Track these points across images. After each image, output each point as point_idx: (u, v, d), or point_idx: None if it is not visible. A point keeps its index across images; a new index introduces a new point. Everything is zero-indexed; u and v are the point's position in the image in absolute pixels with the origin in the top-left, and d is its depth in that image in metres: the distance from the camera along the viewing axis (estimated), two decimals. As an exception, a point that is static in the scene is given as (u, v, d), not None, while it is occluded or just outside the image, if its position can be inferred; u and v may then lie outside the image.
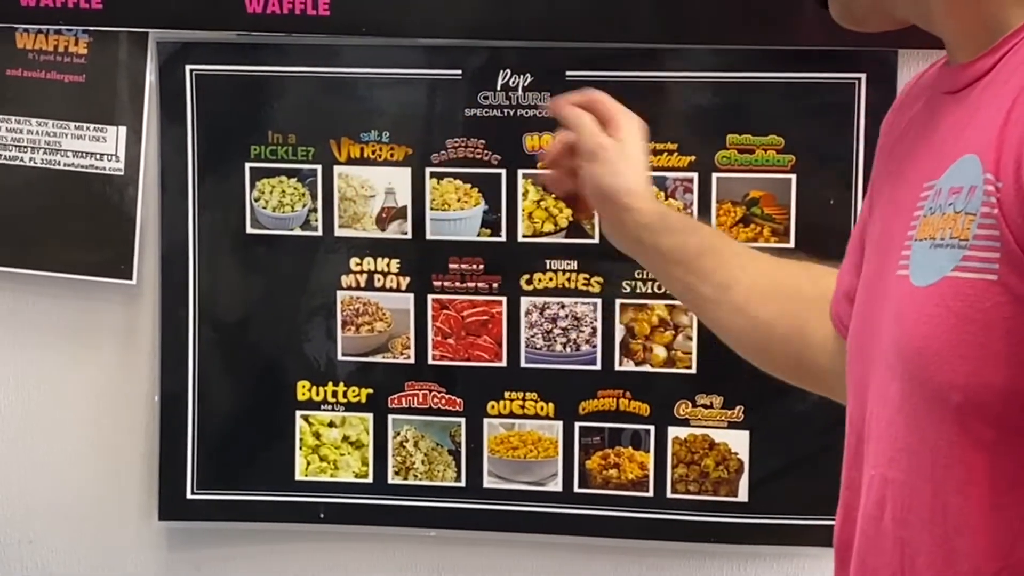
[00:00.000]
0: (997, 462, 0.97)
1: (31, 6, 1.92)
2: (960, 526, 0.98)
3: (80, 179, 1.98)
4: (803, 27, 1.84)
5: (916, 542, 1.00)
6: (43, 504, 2.08)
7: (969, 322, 0.96)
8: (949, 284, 0.97)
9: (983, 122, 1.01)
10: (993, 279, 0.94)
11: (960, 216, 0.98)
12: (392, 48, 1.93)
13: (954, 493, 0.99)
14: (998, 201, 0.94)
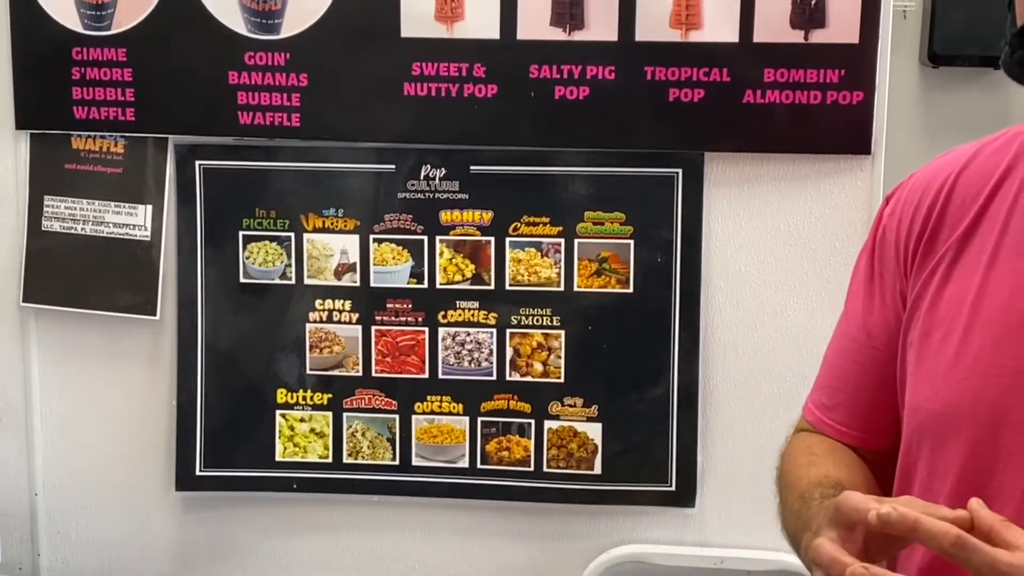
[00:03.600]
0: None
1: (82, 118, 2.04)
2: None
3: (118, 243, 2.08)
4: (639, 135, 1.97)
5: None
6: (91, 480, 2.17)
7: None
8: None
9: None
10: None
11: None
12: (345, 150, 2.03)
13: None
14: None
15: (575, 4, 1.94)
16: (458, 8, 1.96)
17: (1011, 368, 1.05)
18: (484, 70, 1.97)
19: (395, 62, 1.99)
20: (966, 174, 1.15)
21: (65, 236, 2.11)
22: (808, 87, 1.92)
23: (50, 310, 2.14)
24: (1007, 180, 1.11)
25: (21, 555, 2.18)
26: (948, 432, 1.10)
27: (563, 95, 1.97)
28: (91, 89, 2.05)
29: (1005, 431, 1.06)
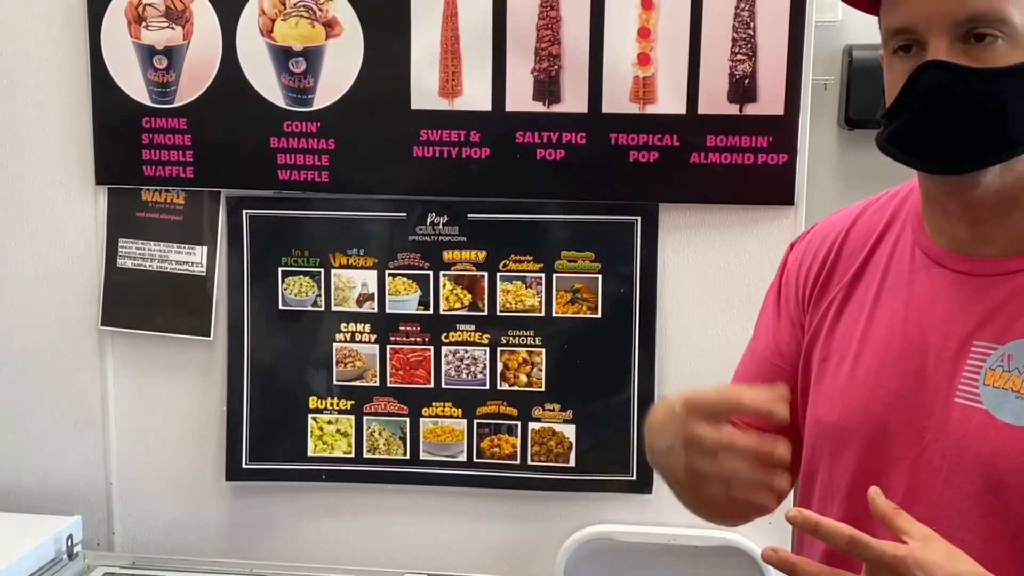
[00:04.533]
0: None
1: (150, 175, 2.06)
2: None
3: (179, 277, 2.09)
4: (605, 189, 1.98)
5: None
6: (156, 471, 2.17)
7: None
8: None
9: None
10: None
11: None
12: (365, 201, 2.04)
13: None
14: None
15: (552, 83, 1.97)
16: (458, 86, 1.98)
17: (891, 388, 1.08)
18: (479, 136, 1.99)
19: (406, 129, 2.00)
20: (855, 229, 1.18)
21: (136, 271, 2.12)
22: (742, 150, 1.94)
23: (123, 332, 2.15)
24: (886, 235, 1.14)
25: (99, 533, 2.19)
26: (843, 441, 1.12)
27: (543, 156, 1.99)
28: (157, 151, 2.07)
29: (888, 440, 1.08)
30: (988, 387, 0.99)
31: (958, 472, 1.01)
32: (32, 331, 2.17)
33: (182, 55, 2.03)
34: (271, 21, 2.00)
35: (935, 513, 1.02)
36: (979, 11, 0.96)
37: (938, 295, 1.06)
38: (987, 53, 0.96)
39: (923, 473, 1.04)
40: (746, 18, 1.90)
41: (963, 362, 1.01)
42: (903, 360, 1.07)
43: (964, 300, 1.03)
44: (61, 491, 2.18)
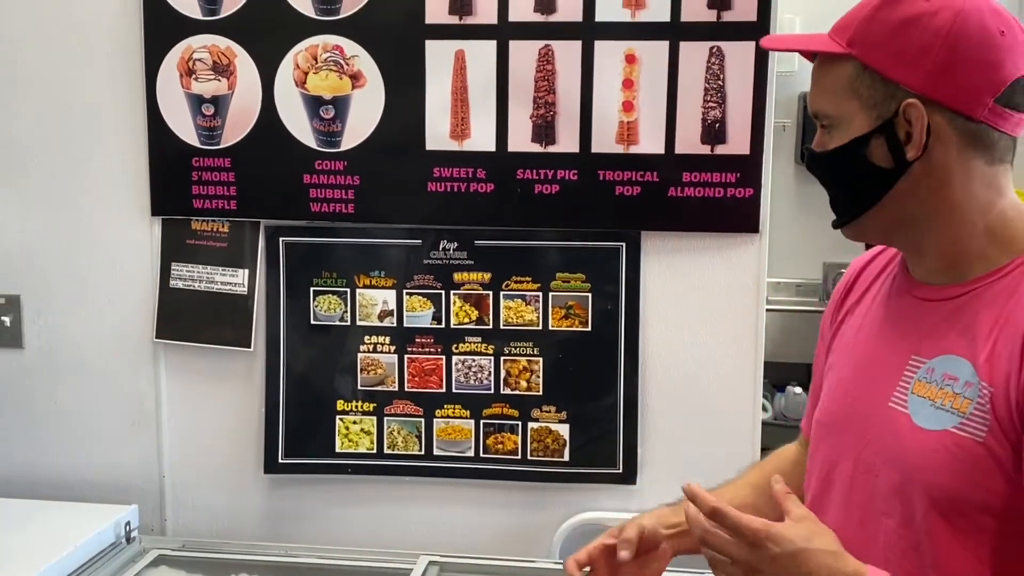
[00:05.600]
0: (967, 542, 0.97)
1: (199, 207, 2.03)
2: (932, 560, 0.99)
3: (224, 296, 2.07)
4: (594, 219, 1.96)
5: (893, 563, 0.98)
6: (203, 465, 2.15)
7: (961, 461, 0.96)
8: (949, 435, 0.96)
9: (965, 336, 0.98)
10: (981, 440, 0.94)
11: (959, 397, 0.96)
12: (386, 229, 2.02)
13: (930, 549, 0.99)
14: (991, 398, 0.93)
15: (548, 127, 1.94)
16: (466, 129, 1.96)
17: (853, 393, 1.12)
18: (484, 173, 1.97)
19: (421, 167, 1.98)
20: (873, 262, 1.21)
21: (186, 291, 2.10)
22: (714, 185, 1.92)
23: (175, 344, 2.12)
24: (889, 266, 1.17)
25: (152, 520, 2.17)
26: (820, 436, 1.17)
27: (540, 191, 1.97)
28: (205, 187, 2.05)
29: (843, 436, 1.11)
30: (914, 395, 1.01)
31: (884, 467, 1.03)
32: (96, 343, 2.15)
33: (227, 103, 2.01)
34: (304, 74, 1.99)
35: (869, 501, 1.04)
36: (813, 109, 1.06)
37: (900, 316, 1.09)
38: (828, 139, 1.05)
39: (862, 467, 1.06)
40: (716, 70, 1.88)
41: (901, 373, 1.03)
42: (864, 370, 1.11)
43: (914, 321, 1.06)
44: (120, 483, 2.16)
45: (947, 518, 0.97)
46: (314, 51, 1.97)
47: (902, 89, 0.99)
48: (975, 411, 0.95)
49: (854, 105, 1.00)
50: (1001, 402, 0.93)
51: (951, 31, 0.97)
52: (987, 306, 0.98)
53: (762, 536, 0.93)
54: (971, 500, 0.96)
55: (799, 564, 0.92)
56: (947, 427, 0.97)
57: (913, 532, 1.00)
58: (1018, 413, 0.92)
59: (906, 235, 1.05)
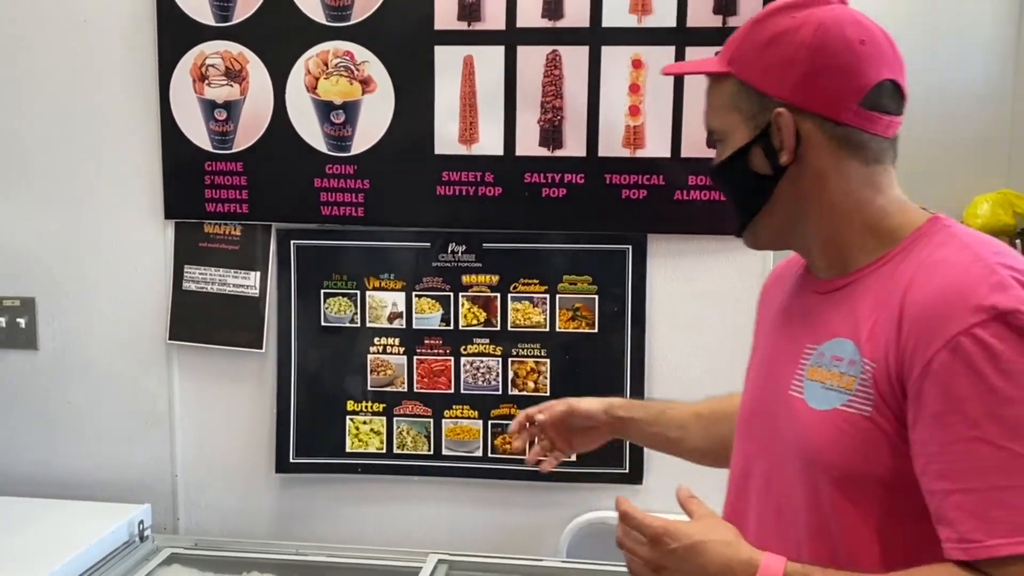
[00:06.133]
0: (860, 512, 1.00)
1: (212, 211, 2.04)
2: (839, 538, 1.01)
3: (236, 298, 2.07)
4: (601, 222, 1.96)
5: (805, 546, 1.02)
6: (215, 465, 2.15)
7: (850, 436, 0.99)
8: (838, 413, 1.00)
9: (850, 319, 1.02)
10: (867, 414, 0.98)
11: (844, 376, 1.00)
12: (395, 232, 2.02)
13: (837, 528, 1.02)
14: (873, 374, 0.97)
15: (556, 131, 1.95)
16: (475, 134, 1.97)
17: (760, 385, 1.17)
18: (493, 177, 1.98)
19: (430, 171, 1.99)
20: (789, 265, 1.25)
21: (199, 293, 2.10)
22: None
23: (188, 345, 2.13)
24: (792, 277, 1.21)
25: (165, 519, 2.17)
26: (738, 436, 1.22)
27: (548, 194, 1.97)
28: (218, 190, 2.05)
29: (754, 429, 1.17)
30: (809, 380, 1.04)
31: (789, 453, 1.06)
32: (110, 344, 2.15)
33: (239, 108, 2.02)
34: (315, 79, 1.99)
35: (783, 489, 1.08)
36: (707, 126, 1.12)
37: (798, 312, 1.14)
38: (719, 152, 1.10)
39: (773, 455, 1.10)
40: (722, 75, 1.88)
41: (798, 362, 1.07)
42: (768, 366, 1.15)
43: (807, 312, 1.11)
44: (133, 482, 2.16)
45: (847, 495, 1.00)
46: (325, 57, 1.98)
47: (773, 100, 1.04)
48: (860, 387, 0.99)
49: (736, 118, 1.06)
50: (882, 376, 0.97)
51: (812, 43, 1.03)
52: (868, 291, 1.02)
53: (660, 532, 0.99)
54: (864, 473, 0.99)
55: (696, 555, 0.98)
56: (836, 406, 1.00)
57: (821, 515, 1.03)
58: (899, 385, 0.96)
59: (794, 236, 1.10)
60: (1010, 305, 0.91)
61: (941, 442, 0.92)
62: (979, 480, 0.90)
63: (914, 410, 0.95)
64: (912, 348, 0.94)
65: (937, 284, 0.96)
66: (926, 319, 0.94)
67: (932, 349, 0.92)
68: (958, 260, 0.98)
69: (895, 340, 0.96)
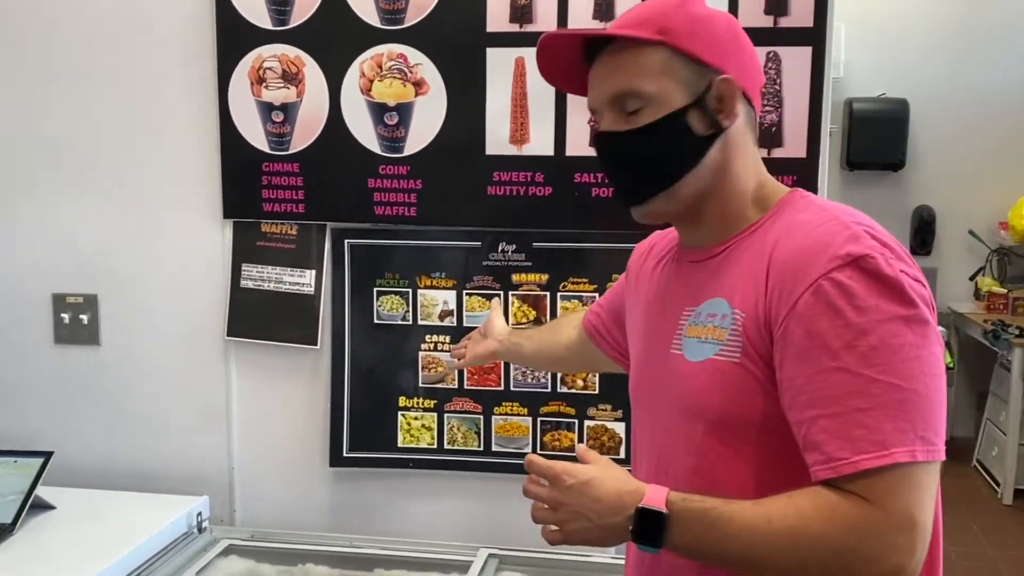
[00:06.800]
0: (738, 454, 1.08)
1: (269, 211, 2.06)
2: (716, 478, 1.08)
3: (292, 296, 2.09)
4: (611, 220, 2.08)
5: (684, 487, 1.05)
6: (271, 459, 2.17)
7: (723, 383, 1.07)
8: (712, 363, 1.08)
9: (724, 281, 1.11)
10: (736, 360, 1.06)
11: (717, 329, 1.08)
12: (447, 232, 2.02)
13: (712, 469, 1.09)
14: (742, 323, 1.06)
15: (606, 131, 1.95)
16: (525, 134, 1.97)
17: (643, 352, 1.26)
18: (543, 177, 1.97)
19: (481, 172, 1.99)
20: (662, 242, 1.33)
21: (256, 291, 2.12)
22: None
23: (245, 342, 2.14)
24: (663, 259, 1.29)
25: (222, 511, 2.19)
26: (633, 407, 1.29)
27: (598, 194, 1.96)
28: (274, 191, 2.07)
29: (641, 393, 1.25)
30: (687, 338, 1.12)
31: (671, 405, 1.13)
32: (170, 340, 2.18)
33: (296, 110, 2.03)
34: (370, 82, 2.00)
35: (667, 441, 1.15)
36: (619, 89, 1.11)
37: (675, 280, 1.21)
38: (636, 118, 1.11)
39: (658, 412, 1.17)
40: (773, 75, 1.87)
41: (676, 324, 1.14)
42: (649, 331, 1.23)
43: (684, 280, 1.19)
44: (192, 475, 2.18)
45: (720, 437, 1.08)
46: (379, 59, 1.99)
47: (712, 69, 1.11)
48: (730, 337, 1.06)
49: (670, 84, 1.10)
50: (751, 324, 1.04)
51: (734, 28, 1.16)
52: (741, 255, 1.10)
53: (559, 471, 1.07)
54: (737, 416, 1.06)
55: (591, 489, 1.04)
56: (709, 356, 1.08)
57: (699, 458, 1.10)
58: (766, 329, 1.03)
59: (695, 205, 1.14)
60: (862, 251, 0.99)
61: (806, 375, 0.99)
62: (841, 404, 0.97)
63: (781, 350, 1.02)
64: (778, 294, 1.02)
65: (799, 239, 1.04)
66: (790, 269, 1.02)
67: (796, 293, 1.00)
68: (817, 219, 1.06)
69: (763, 290, 1.04)
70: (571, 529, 1.07)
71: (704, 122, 1.12)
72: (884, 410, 0.96)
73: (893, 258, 1.01)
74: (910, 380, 0.97)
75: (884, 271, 0.99)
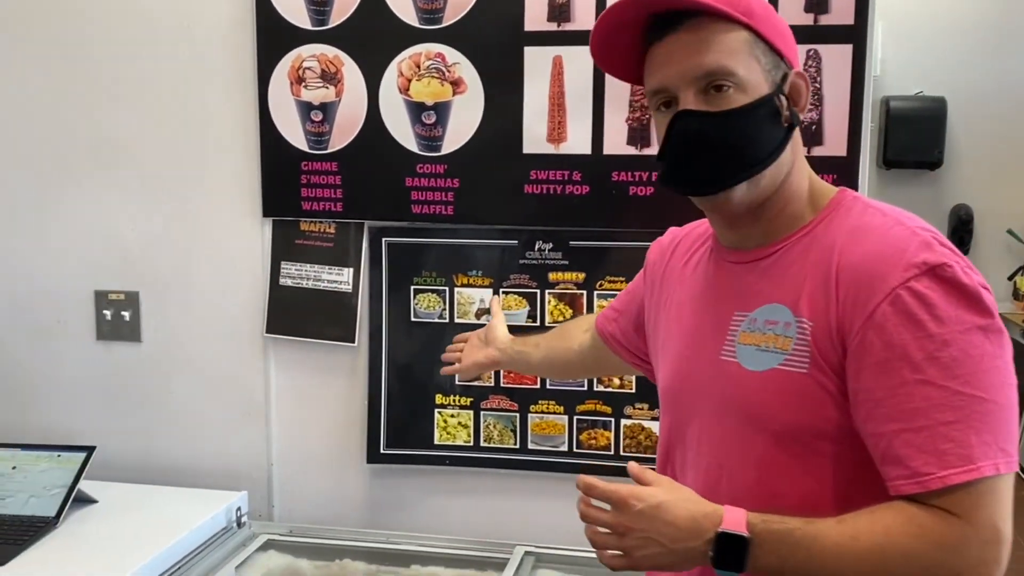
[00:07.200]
0: (806, 468, 1.04)
1: (307, 209, 2.06)
2: (780, 489, 1.06)
3: (330, 294, 2.09)
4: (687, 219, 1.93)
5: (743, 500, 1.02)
6: (309, 455, 2.18)
7: (790, 394, 1.04)
8: (776, 372, 1.04)
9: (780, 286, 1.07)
10: (804, 371, 1.02)
11: (780, 337, 1.05)
12: (483, 230, 1.99)
13: (778, 482, 1.05)
14: (811, 332, 1.02)
15: (644, 129, 1.93)
16: (563, 133, 1.96)
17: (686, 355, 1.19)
18: (580, 175, 1.96)
19: (519, 170, 1.98)
20: (686, 239, 1.31)
21: (295, 289, 2.12)
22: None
23: (283, 339, 2.15)
24: (705, 244, 1.25)
25: (261, 506, 2.21)
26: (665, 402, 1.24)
27: (635, 192, 1.95)
28: (313, 189, 2.07)
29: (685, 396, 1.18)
30: (741, 345, 1.08)
31: (724, 413, 1.09)
32: (210, 337, 2.19)
33: (335, 110, 2.04)
34: (408, 81, 2.00)
35: (721, 452, 1.10)
36: (712, 67, 1.05)
37: (717, 281, 1.17)
38: (723, 99, 1.05)
39: (705, 419, 1.12)
40: (813, 73, 1.84)
41: (726, 328, 1.10)
42: (693, 336, 1.17)
43: (731, 282, 1.14)
44: (231, 470, 2.19)
45: (785, 449, 1.04)
46: (417, 59, 1.99)
47: (785, 60, 1.09)
48: (796, 347, 1.02)
49: (757, 68, 1.07)
50: (821, 334, 1.01)
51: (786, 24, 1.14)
52: (797, 258, 1.07)
53: (625, 495, 1.01)
54: (804, 428, 1.03)
55: (662, 513, 1.00)
56: (773, 366, 1.04)
57: (753, 469, 1.06)
58: (838, 339, 1.00)
59: (764, 199, 1.09)
60: (938, 260, 0.97)
61: (887, 387, 0.96)
62: (926, 418, 0.94)
63: (856, 360, 0.99)
64: (852, 303, 0.99)
65: (868, 246, 1.02)
66: (863, 277, 0.99)
67: (873, 303, 0.97)
68: (881, 223, 1.04)
69: (834, 298, 1.01)
70: (641, 555, 1.02)
71: (784, 113, 1.09)
72: (969, 423, 0.94)
73: (967, 266, 1.00)
74: (991, 391, 0.96)
75: (962, 280, 0.98)
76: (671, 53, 1.08)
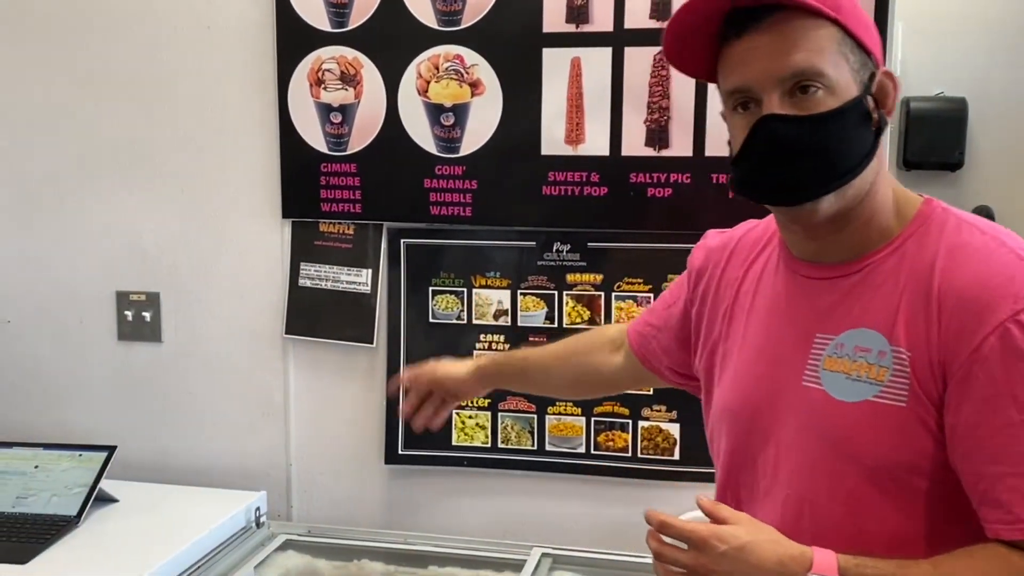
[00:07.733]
0: (899, 504, 0.99)
1: (327, 210, 2.06)
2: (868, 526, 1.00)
3: (349, 295, 2.09)
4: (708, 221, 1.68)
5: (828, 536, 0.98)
6: (327, 455, 2.18)
7: (886, 428, 0.97)
8: (870, 404, 0.98)
9: (870, 308, 0.99)
10: (903, 405, 0.96)
11: (874, 367, 0.98)
12: (502, 232, 2.02)
13: (869, 514, 1.00)
14: (910, 362, 0.95)
15: (662, 131, 1.92)
16: (580, 134, 1.95)
17: (759, 374, 1.10)
18: (598, 177, 1.96)
19: (536, 172, 1.98)
20: (740, 244, 1.21)
21: (314, 290, 2.13)
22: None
23: (302, 340, 2.15)
24: (764, 250, 1.17)
25: (279, 506, 2.21)
26: (728, 422, 1.15)
27: (653, 194, 1.94)
28: (332, 191, 2.07)
29: (758, 417, 1.10)
30: (826, 371, 1.00)
31: (808, 443, 1.02)
32: (229, 338, 2.20)
33: (354, 112, 2.04)
34: (426, 83, 2.00)
35: (805, 484, 1.03)
36: (801, 68, 0.96)
37: (792, 296, 1.08)
38: (811, 102, 0.97)
39: (784, 447, 1.05)
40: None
41: (808, 351, 1.03)
42: (765, 354, 1.09)
43: (810, 299, 1.05)
44: (250, 470, 2.20)
45: (877, 484, 0.98)
46: (436, 61, 1.99)
47: (872, 58, 1.01)
48: (893, 378, 0.96)
49: (845, 68, 0.99)
50: (921, 363, 0.95)
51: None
52: (888, 278, 0.99)
53: (707, 536, 0.95)
54: (900, 463, 0.97)
55: (748, 555, 0.94)
56: (867, 397, 0.97)
57: (841, 504, 1.00)
58: (940, 370, 0.94)
59: (850, 209, 1.01)
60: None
61: (992, 426, 0.91)
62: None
63: (958, 394, 0.93)
64: (955, 334, 0.93)
65: (973, 271, 0.95)
66: (970, 305, 0.93)
67: (980, 335, 0.92)
68: (982, 244, 0.97)
69: (936, 326, 0.95)
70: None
71: (873, 117, 1.01)
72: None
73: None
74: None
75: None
76: (753, 51, 0.99)
